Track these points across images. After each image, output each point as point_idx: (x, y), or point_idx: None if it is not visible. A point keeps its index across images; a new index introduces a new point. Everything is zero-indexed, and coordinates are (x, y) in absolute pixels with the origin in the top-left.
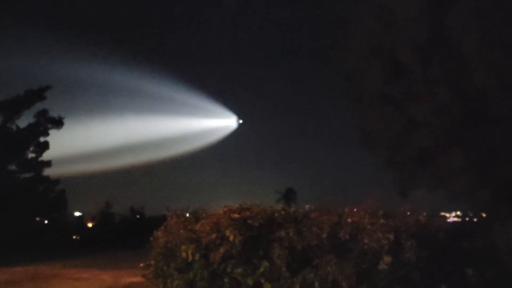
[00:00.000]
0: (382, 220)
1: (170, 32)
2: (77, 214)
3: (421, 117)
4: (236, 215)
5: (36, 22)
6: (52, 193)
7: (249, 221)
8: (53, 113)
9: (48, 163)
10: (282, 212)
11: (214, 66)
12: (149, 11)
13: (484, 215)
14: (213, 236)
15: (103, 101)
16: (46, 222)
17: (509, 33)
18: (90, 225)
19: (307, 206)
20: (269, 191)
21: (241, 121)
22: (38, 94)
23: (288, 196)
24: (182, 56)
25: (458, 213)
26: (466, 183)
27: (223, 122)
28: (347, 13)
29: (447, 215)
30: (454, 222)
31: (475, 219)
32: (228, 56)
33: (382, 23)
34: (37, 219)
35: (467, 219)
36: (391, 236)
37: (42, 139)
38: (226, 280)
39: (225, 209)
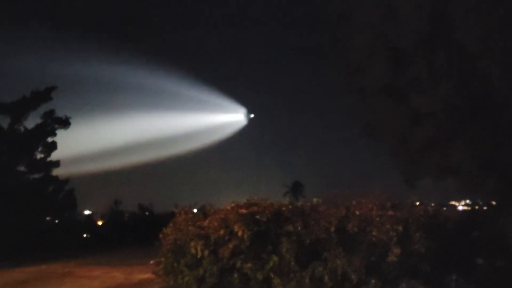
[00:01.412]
0: (390, 212)
1: (176, 29)
2: (86, 212)
3: (425, 108)
4: (243, 211)
5: (40, 22)
6: (61, 192)
7: (257, 216)
8: (60, 113)
9: (56, 163)
10: (290, 206)
11: (222, 63)
12: (155, 7)
13: (494, 203)
14: (222, 232)
15: (109, 99)
16: (56, 221)
17: (511, 20)
18: (100, 223)
19: (314, 200)
20: (276, 185)
21: (252, 116)
22: (44, 95)
23: (296, 189)
24: (190, 52)
25: (468, 201)
26: (472, 172)
27: (233, 117)
28: (349, 6)
29: (457, 204)
30: (463, 210)
31: (484, 207)
32: (233, 52)
33: (385, 15)
34: (48, 218)
35: (476, 207)
36: (400, 228)
37: (49, 139)
38: (235, 275)
39: (233, 204)
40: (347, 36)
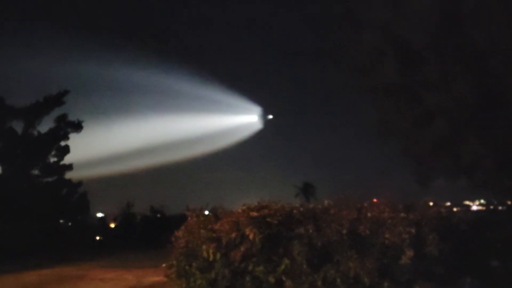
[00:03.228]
0: (402, 214)
1: (189, 30)
2: (99, 215)
3: (437, 106)
4: (255, 213)
5: (52, 25)
6: (74, 195)
7: (268, 219)
8: (72, 116)
9: (69, 167)
10: (301, 209)
11: (235, 65)
12: (168, 8)
13: (509, 203)
14: (233, 235)
15: (121, 102)
16: (69, 224)
17: None
18: (112, 225)
19: (326, 202)
20: (287, 186)
21: (271, 117)
22: (57, 99)
23: (307, 190)
24: (205, 53)
25: (482, 201)
26: (486, 171)
27: (248, 118)
28: (359, 4)
29: (471, 204)
30: (478, 211)
31: (500, 207)
32: (244, 53)
33: (395, 12)
34: (61, 221)
35: (491, 207)
36: (412, 230)
37: (62, 143)
38: (247, 278)
39: (244, 207)
40: (357, 36)
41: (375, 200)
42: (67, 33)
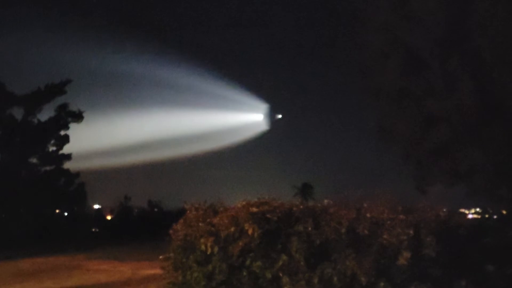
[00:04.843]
0: (401, 216)
1: (195, 24)
2: (96, 206)
3: (439, 112)
4: (254, 209)
5: (57, 15)
6: (72, 186)
7: (268, 215)
8: (74, 107)
9: (68, 156)
10: (301, 207)
11: (239, 62)
12: (175, 2)
13: (504, 212)
14: (232, 229)
15: (123, 94)
16: (66, 214)
17: None
18: (109, 217)
19: (325, 201)
20: (285, 186)
21: (280, 116)
22: (59, 88)
23: (305, 191)
24: (212, 49)
25: (478, 210)
26: (485, 179)
27: (253, 117)
28: (365, 7)
29: (466, 211)
30: (473, 219)
31: (495, 216)
32: (243, 53)
33: (400, 16)
34: (57, 211)
35: (486, 216)
36: (411, 232)
37: (62, 132)
38: (244, 273)
39: (244, 203)
40: (362, 36)
41: (374, 203)
42: (73, 23)
